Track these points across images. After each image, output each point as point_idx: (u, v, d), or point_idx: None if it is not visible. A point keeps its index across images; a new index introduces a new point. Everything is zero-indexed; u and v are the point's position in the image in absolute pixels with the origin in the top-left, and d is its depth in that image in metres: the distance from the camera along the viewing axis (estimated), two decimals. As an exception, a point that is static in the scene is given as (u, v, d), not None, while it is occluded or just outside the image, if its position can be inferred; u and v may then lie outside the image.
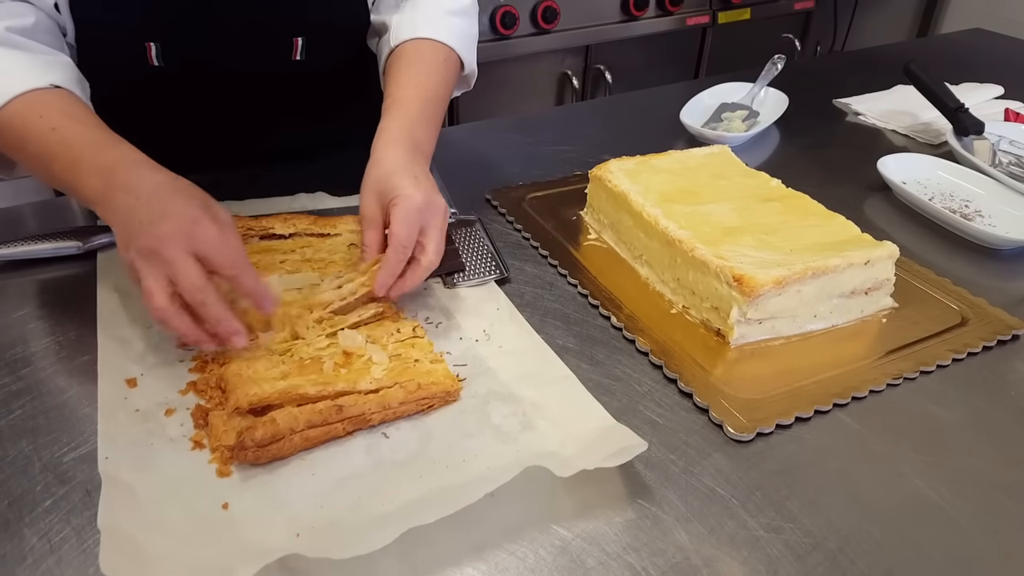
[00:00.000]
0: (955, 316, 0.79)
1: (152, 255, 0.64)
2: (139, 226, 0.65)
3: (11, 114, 0.71)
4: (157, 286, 0.63)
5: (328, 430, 0.62)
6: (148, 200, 0.66)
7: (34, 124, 0.71)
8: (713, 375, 0.70)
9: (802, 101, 1.29)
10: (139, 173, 0.68)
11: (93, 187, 0.69)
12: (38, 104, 0.72)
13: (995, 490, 0.60)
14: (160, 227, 0.64)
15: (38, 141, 0.71)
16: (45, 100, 0.73)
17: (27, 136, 0.71)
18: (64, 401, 0.66)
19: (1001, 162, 1.10)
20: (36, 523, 0.55)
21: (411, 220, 0.72)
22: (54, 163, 0.71)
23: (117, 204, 0.67)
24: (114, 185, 0.67)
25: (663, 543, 0.55)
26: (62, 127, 0.71)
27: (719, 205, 0.86)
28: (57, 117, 0.71)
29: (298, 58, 0.97)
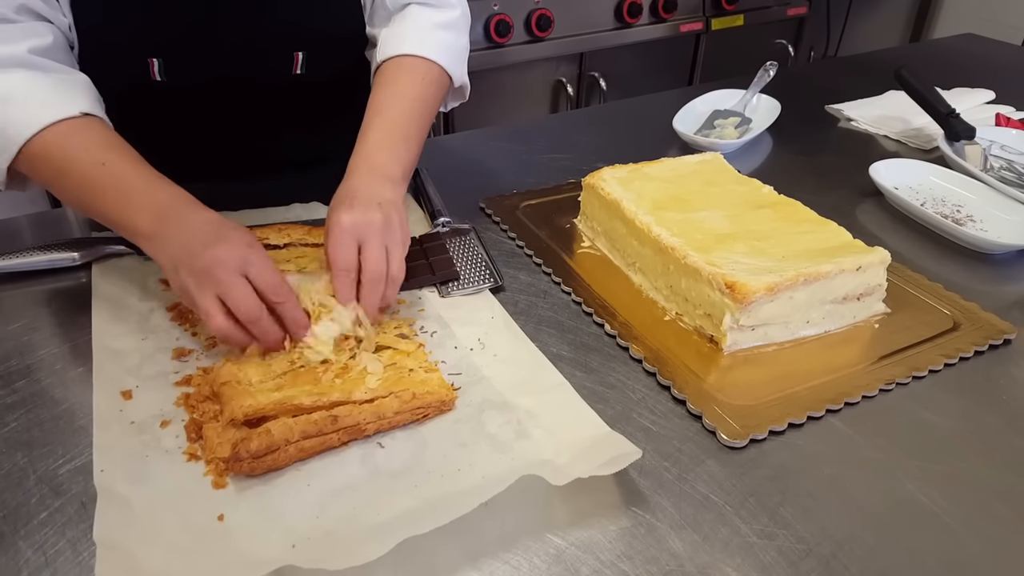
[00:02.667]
0: (947, 321, 0.79)
1: (207, 276, 0.67)
2: (193, 250, 0.67)
3: (45, 145, 0.72)
4: (215, 306, 0.67)
5: (323, 440, 0.62)
6: (202, 228, 0.69)
7: (80, 157, 0.72)
8: (706, 382, 0.71)
9: (794, 107, 1.29)
10: (192, 210, 0.71)
11: (145, 223, 0.71)
12: (76, 135, 0.73)
13: (988, 495, 0.60)
14: (216, 250, 0.67)
15: (84, 176, 0.72)
16: (81, 132, 0.74)
17: (68, 170, 0.73)
18: (59, 413, 0.66)
19: (992, 167, 1.11)
20: (31, 536, 0.55)
21: (341, 242, 0.73)
22: (101, 197, 0.72)
23: (170, 235, 0.70)
24: (167, 221, 0.70)
25: (657, 551, 0.55)
26: (111, 162, 0.73)
27: (711, 212, 0.87)
28: (102, 152, 0.73)
29: (298, 72, 0.98)
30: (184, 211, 0.71)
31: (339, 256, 0.73)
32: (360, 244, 0.74)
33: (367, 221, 0.74)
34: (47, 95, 0.74)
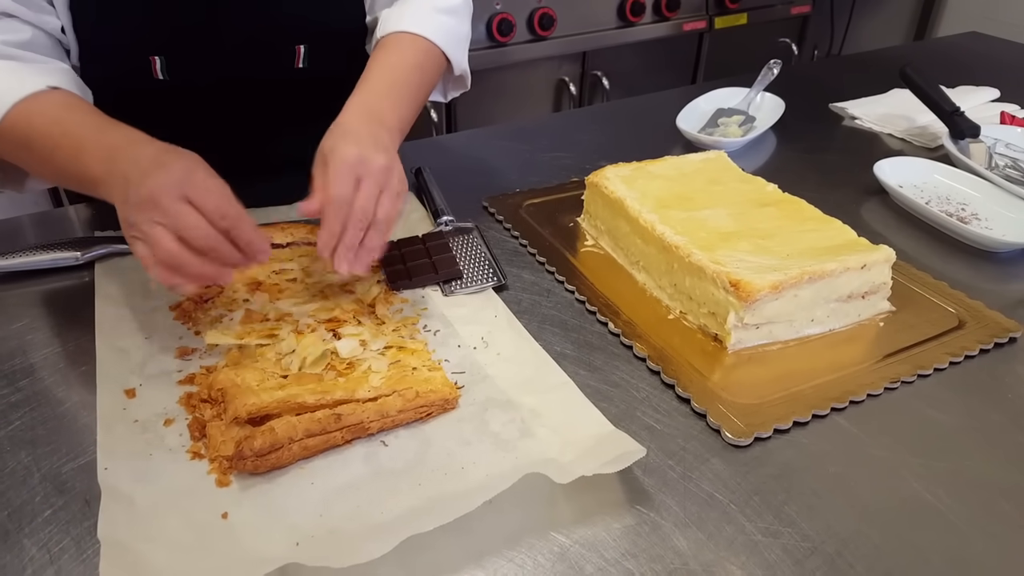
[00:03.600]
0: (952, 319, 0.79)
1: (150, 207, 0.63)
2: (133, 181, 0.64)
3: (13, 121, 0.73)
4: (162, 233, 0.63)
5: (327, 439, 0.62)
6: (145, 159, 0.66)
7: (36, 122, 0.72)
8: (711, 380, 0.71)
9: (799, 106, 1.29)
10: (139, 146, 0.69)
11: (96, 168, 0.69)
12: (38, 105, 0.73)
13: (993, 493, 0.60)
14: (155, 179, 0.64)
15: (41, 137, 0.72)
16: (45, 100, 0.74)
17: (31, 136, 0.72)
18: (63, 412, 0.66)
19: (997, 165, 1.10)
20: (35, 534, 0.55)
21: (342, 173, 0.70)
22: (57, 153, 0.71)
23: (116, 172, 0.67)
24: (115, 160, 0.68)
25: (661, 549, 0.55)
26: (63, 119, 0.72)
27: (715, 210, 0.86)
28: (57, 111, 0.73)
29: (301, 65, 0.97)
30: (131, 148, 0.68)
31: (337, 187, 0.69)
32: (358, 181, 0.71)
33: (371, 159, 0.71)
34: (18, 77, 0.74)
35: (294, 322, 0.74)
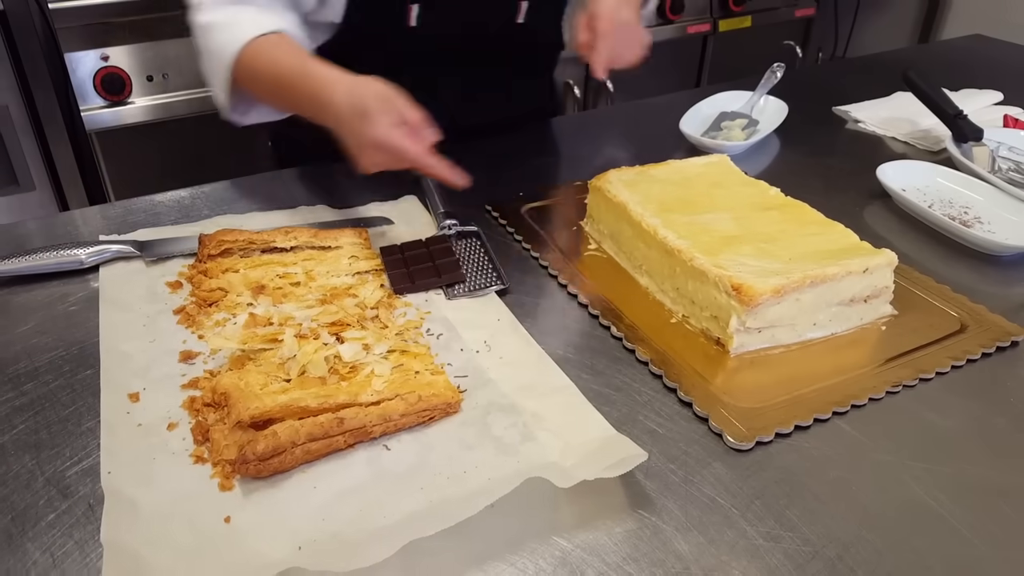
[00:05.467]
0: (954, 323, 0.79)
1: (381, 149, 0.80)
2: (356, 151, 0.82)
3: (243, 59, 0.90)
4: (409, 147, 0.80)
5: (329, 443, 0.62)
6: (347, 110, 0.80)
7: (259, 62, 0.90)
8: (713, 384, 0.71)
9: (802, 109, 1.29)
10: (333, 103, 0.81)
11: (307, 107, 0.87)
12: (261, 47, 0.90)
13: (995, 497, 0.60)
14: (369, 159, 0.81)
15: (263, 77, 0.90)
16: (265, 43, 0.90)
17: (256, 74, 0.90)
18: (67, 415, 0.66)
19: (1000, 168, 1.10)
20: (39, 537, 0.55)
21: (604, 18, 0.93)
22: (277, 92, 0.91)
23: (338, 128, 0.82)
24: (324, 112, 0.83)
25: (663, 553, 0.55)
26: (278, 61, 0.89)
27: (718, 214, 0.86)
28: (273, 53, 0.89)
29: (520, 21, 1.10)
30: (328, 96, 0.82)
31: (603, 26, 0.93)
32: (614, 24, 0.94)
33: (622, 12, 0.95)
34: (256, 19, 0.91)
35: (297, 326, 0.74)
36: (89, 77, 1.76)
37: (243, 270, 0.83)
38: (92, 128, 1.80)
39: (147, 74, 1.82)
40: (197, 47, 0.95)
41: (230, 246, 0.86)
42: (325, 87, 0.82)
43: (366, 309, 0.78)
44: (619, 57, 0.98)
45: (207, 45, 0.93)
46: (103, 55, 1.76)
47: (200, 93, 1.89)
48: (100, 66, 1.76)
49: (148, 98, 1.84)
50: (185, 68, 1.86)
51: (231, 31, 0.90)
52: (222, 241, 0.86)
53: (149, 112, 1.84)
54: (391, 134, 0.79)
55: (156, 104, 1.85)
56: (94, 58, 1.76)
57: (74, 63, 1.74)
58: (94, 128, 1.80)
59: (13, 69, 1.66)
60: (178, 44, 1.83)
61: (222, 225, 0.92)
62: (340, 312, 0.76)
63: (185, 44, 1.83)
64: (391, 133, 0.79)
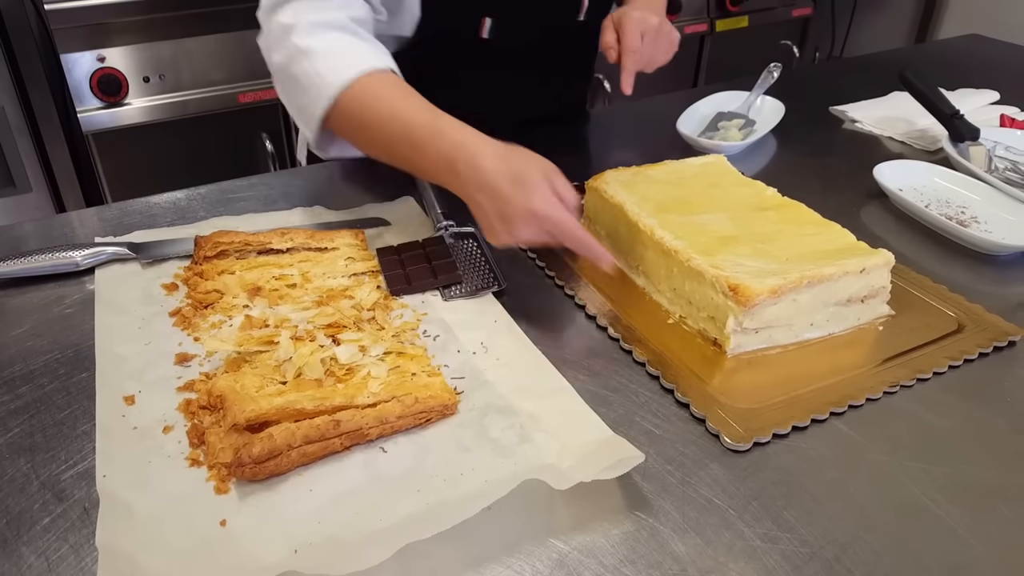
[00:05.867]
0: (952, 323, 0.79)
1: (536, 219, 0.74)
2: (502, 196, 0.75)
3: (350, 97, 0.83)
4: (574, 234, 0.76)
5: (326, 445, 0.62)
6: (496, 175, 0.75)
7: (373, 107, 0.83)
8: (710, 385, 0.70)
9: (799, 109, 1.29)
10: (477, 157, 0.76)
11: (436, 169, 0.80)
12: (374, 87, 0.84)
13: (992, 497, 0.60)
14: (518, 232, 0.75)
15: (379, 125, 0.83)
16: (382, 83, 0.84)
17: (367, 120, 0.83)
18: (62, 419, 0.66)
19: (997, 168, 1.10)
20: (34, 541, 0.55)
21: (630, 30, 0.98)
22: (395, 145, 0.82)
23: (468, 193, 0.78)
24: (456, 174, 0.78)
25: (660, 555, 0.55)
26: (399, 111, 0.82)
27: (715, 215, 0.86)
28: (394, 102, 0.82)
29: (582, 19, 1.12)
30: (469, 159, 0.76)
31: (629, 40, 0.98)
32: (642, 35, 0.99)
33: (649, 19, 1.00)
34: (361, 51, 0.86)
35: (293, 328, 0.74)
36: (85, 78, 1.76)
37: (239, 272, 0.83)
38: (88, 129, 1.80)
39: (143, 75, 1.82)
40: (286, 71, 0.87)
41: (226, 248, 0.85)
42: (468, 150, 0.77)
43: (362, 311, 0.78)
44: (651, 62, 1.03)
45: (304, 71, 0.84)
46: (99, 56, 1.76)
47: (196, 94, 1.89)
48: (96, 67, 1.76)
49: (145, 99, 1.84)
50: (182, 69, 1.86)
51: (335, 60, 0.84)
52: (218, 243, 0.85)
53: (146, 113, 1.84)
54: (552, 207, 0.74)
55: (153, 105, 1.85)
56: (90, 59, 1.76)
57: (70, 64, 1.74)
58: (91, 129, 1.80)
59: (9, 70, 1.66)
60: (174, 45, 1.83)
61: (218, 227, 0.92)
62: (336, 314, 0.76)
63: (182, 45, 1.83)
64: (552, 206, 0.74)
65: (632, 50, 0.98)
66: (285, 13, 0.86)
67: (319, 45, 0.84)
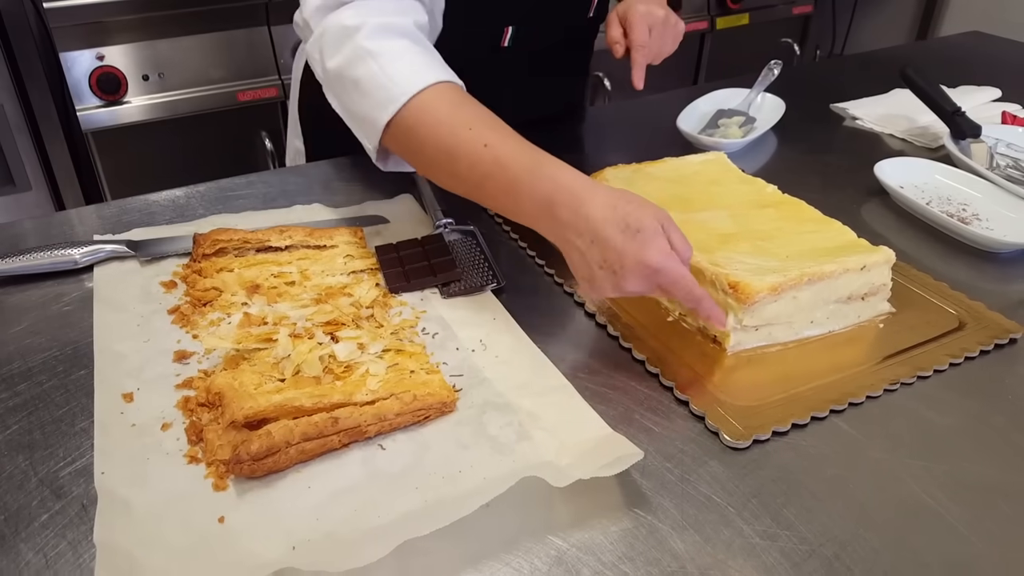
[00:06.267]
0: (952, 320, 0.79)
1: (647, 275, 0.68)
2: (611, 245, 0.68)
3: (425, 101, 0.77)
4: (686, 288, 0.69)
5: (324, 443, 0.62)
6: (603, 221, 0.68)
7: (464, 137, 0.74)
8: (710, 383, 0.70)
9: (799, 106, 1.29)
10: (578, 200, 0.69)
11: (534, 211, 0.72)
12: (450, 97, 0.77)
13: (992, 495, 0.60)
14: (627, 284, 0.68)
15: (471, 156, 0.74)
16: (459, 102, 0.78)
17: (459, 150, 0.74)
18: (61, 416, 0.66)
19: (998, 165, 1.10)
20: (32, 538, 0.55)
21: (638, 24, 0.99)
22: (488, 183, 0.74)
23: (566, 224, 0.70)
24: (554, 218, 0.71)
25: (659, 552, 0.55)
26: (492, 143, 0.74)
27: (715, 212, 0.86)
28: (484, 131, 0.75)
29: (590, 15, 1.13)
30: (572, 213, 0.70)
31: (637, 34, 1.00)
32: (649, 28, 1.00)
33: (655, 12, 1.02)
34: (428, 60, 0.80)
35: (292, 325, 0.74)
36: (85, 77, 1.76)
37: (238, 269, 0.83)
38: (88, 128, 1.80)
39: (143, 73, 1.82)
40: (347, 74, 0.79)
41: (225, 245, 0.85)
42: (573, 194, 0.70)
43: (361, 308, 0.78)
44: (659, 54, 1.04)
45: (371, 73, 0.77)
46: (98, 54, 1.76)
47: (196, 92, 1.89)
48: (96, 65, 1.76)
49: (144, 97, 1.84)
50: (181, 67, 1.86)
51: (406, 65, 0.78)
52: (217, 240, 0.85)
53: (145, 111, 1.84)
54: (668, 259, 0.67)
55: (152, 103, 1.85)
56: (89, 57, 1.76)
57: (69, 63, 1.74)
58: (90, 128, 1.80)
59: (8, 69, 1.66)
60: (174, 43, 1.83)
61: (217, 224, 0.91)
62: (335, 311, 0.76)
63: (181, 43, 1.83)
64: (668, 257, 0.67)
65: (641, 44, 0.99)
66: (346, 14, 0.80)
67: (388, 48, 0.78)
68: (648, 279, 0.68)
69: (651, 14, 1.01)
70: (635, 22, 0.99)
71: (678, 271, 0.68)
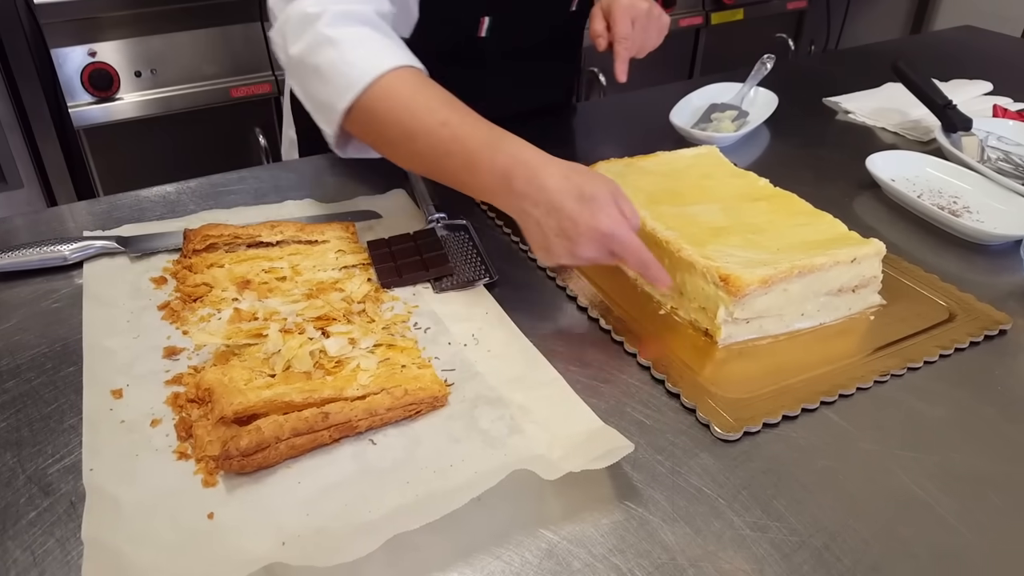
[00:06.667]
0: (943, 312, 0.79)
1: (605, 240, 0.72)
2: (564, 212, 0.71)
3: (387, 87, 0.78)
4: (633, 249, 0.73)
5: (314, 438, 0.61)
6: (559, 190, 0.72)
7: (424, 117, 0.76)
8: (701, 375, 0.70)
9: (793, 100, 1.29)
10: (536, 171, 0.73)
11: (491, 187, 0.75)
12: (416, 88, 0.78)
13: (981, 485, 0.60)
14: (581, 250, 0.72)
15: (430, 136, 0.76)
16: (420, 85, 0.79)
17: (418, 130, 0.76)
18: (49, 412, 0.66)
19: (989, 158, 1.10)
20: (20, 535, 0.55)
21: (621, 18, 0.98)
22: (447, 161, 0.77)
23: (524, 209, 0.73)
24: (512, 191, 0.73)
25: (649, 544, 0.55)
26: (450, 120, 0.76)
27: (707, 206, 0.86)
28: (443, 110, 0.76)
29: (573, 9, 1.12)
30: (529, 185, 0.73)
31: (620, 27, 0.98)
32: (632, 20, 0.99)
33: (638, 5, 1.00)
34: (389, 46, 0.81)
35: (282, 321, 0.74)
36: (76, 73, 1.75)
37: (228, 265, 0.83)
38: (80, 125, 1.79)
39: (135, 70, 1.81)
40: (307, 61, 0.80)
41: (215, 241, 0.85)
42: (529, 166, 0.73)
43: (352, 303, 0.78)
44: (642, 47, 1.02)
45: (330, 60, 0.79)
46: (90, 51, 1.76)
47: (189, 89, 1.89)
48: (87, 62, 1.76)
49: (136, 94, 1.84)
50: (174, 63, 1.85)
51: (365, 52, 0.79)
52: (207, 236, 0.85)
53: (138, 108, 1.84)
54: (619, 226, 0.71)
55: (145, 100, 1.84)
56: (81, 54, 1.75)
57: (61, 59, 1.73)
58: (82, 125, 1.79)
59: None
60: (166, 39, 1.82)
61: (208, 220, 0.91)
62: (326, 307, 0.76)
63: (174, 39, 1.83)
64: (619, 224, 0.71)
65: (623, 37, 0.98)
66: (308, 2, 0.81)
67: (347, 35, 0.79)
68: (602, 245, 0.71)
69: (634, 7, 1.00)
70: (618, 15, 0.99)
71: (629, 237, 0.72)
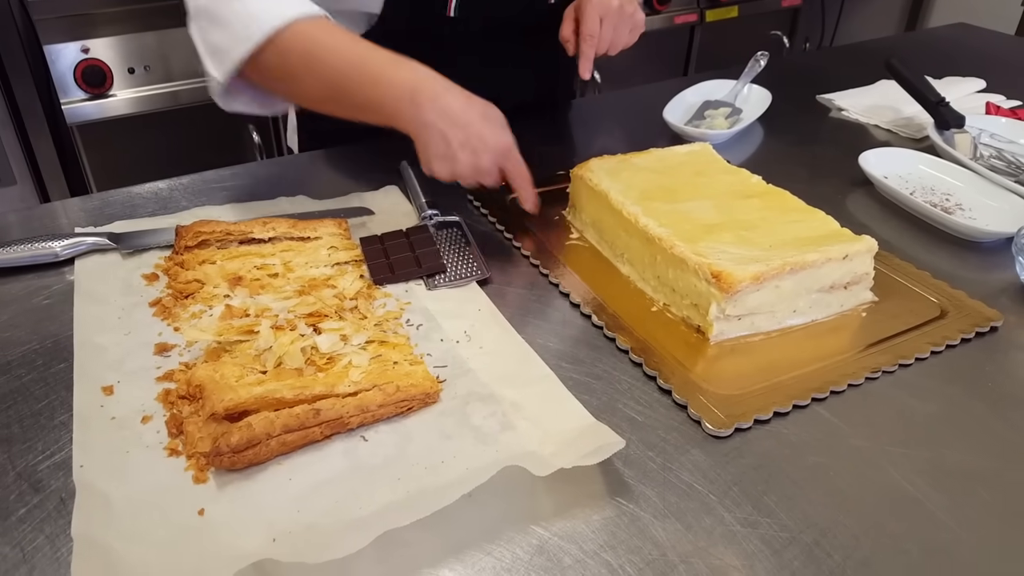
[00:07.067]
0: (934, 309, 0.79)
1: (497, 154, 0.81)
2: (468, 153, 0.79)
3: (294, 33, 0.81)
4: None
5: (305, 434, 0.61)
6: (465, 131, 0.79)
7: (330, 47, 0.81)
8: (692, 372, 0.70)
9: (786, 97, 1.29)
10: (440, 101, 0.79)
11: (395, 101, 0.80)
12: (318, 30, 0.82)
13: (972, 481, 0.60)
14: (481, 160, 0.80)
15: (330, 63, 0.81)
16: (326, 28, 0.83)
17: (316, 58, 0.81)
18: (40, 409, 0.65)
19: (982, 155, 1.10)
20: (9, 532, 0.55)
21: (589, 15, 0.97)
22: (347, 81, 0.81)
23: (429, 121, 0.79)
24: (417, 105, 0.79)
25: (640, 540, 0.55)
26: (352, 48, 0.81)
27: (699, 202, 0.86)
28: (343, 39, 0.82)
29: (551, 2, 1.11)
30: (436, 92, 0.79)
31: (587, 26, 0.98)
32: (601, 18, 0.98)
33: (610, 3, 0.98)
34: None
35: (274, 317, 0.74)
36: (69, 70, 1.74)
37: (220, 261, 0.83)
38: (73, 121, 1.78)
39: (128, 66, 1.81)
40: (209, 10, 0.83)
41: (207, 237, 0.85)
42: (434, 83, 0.80)
43: (345, 300, 0.78)
44: (613, 45, 1.01)
45: (232, 10, 0.81)
46: (83, 47, 1.75)
47: (183, 85, 1.88)
48: (81, 58, 1.75)
49: (130, 91, 1.83)
50: (167, 60, 1.85)
51: (268, 2, 0.81)
52: (199, 232, 0.85)
53: (131, 105, 1.83)
54: (515, 145, 0.79)
55: (138, 97, 1.84)
56: (74, 50, 1.74)
57: (54, 55, 1.73)
58: (75, 121, 1.79)
59: (-9, 62, 1.65)
60: (159, 36, 1.82)
61: (200, 216, 0.91)
62: (318, 303, 0.76)
63: (167, 35, 1.82)
64: (515, 144, 0.79)
65: (589, 35, 0.98)
66: None
67: None
68: (503, 157, 0.81)
69: (605, 4, 0.99)
70: (587, 13, 0.98)
71: (518, 155, 0.82)
